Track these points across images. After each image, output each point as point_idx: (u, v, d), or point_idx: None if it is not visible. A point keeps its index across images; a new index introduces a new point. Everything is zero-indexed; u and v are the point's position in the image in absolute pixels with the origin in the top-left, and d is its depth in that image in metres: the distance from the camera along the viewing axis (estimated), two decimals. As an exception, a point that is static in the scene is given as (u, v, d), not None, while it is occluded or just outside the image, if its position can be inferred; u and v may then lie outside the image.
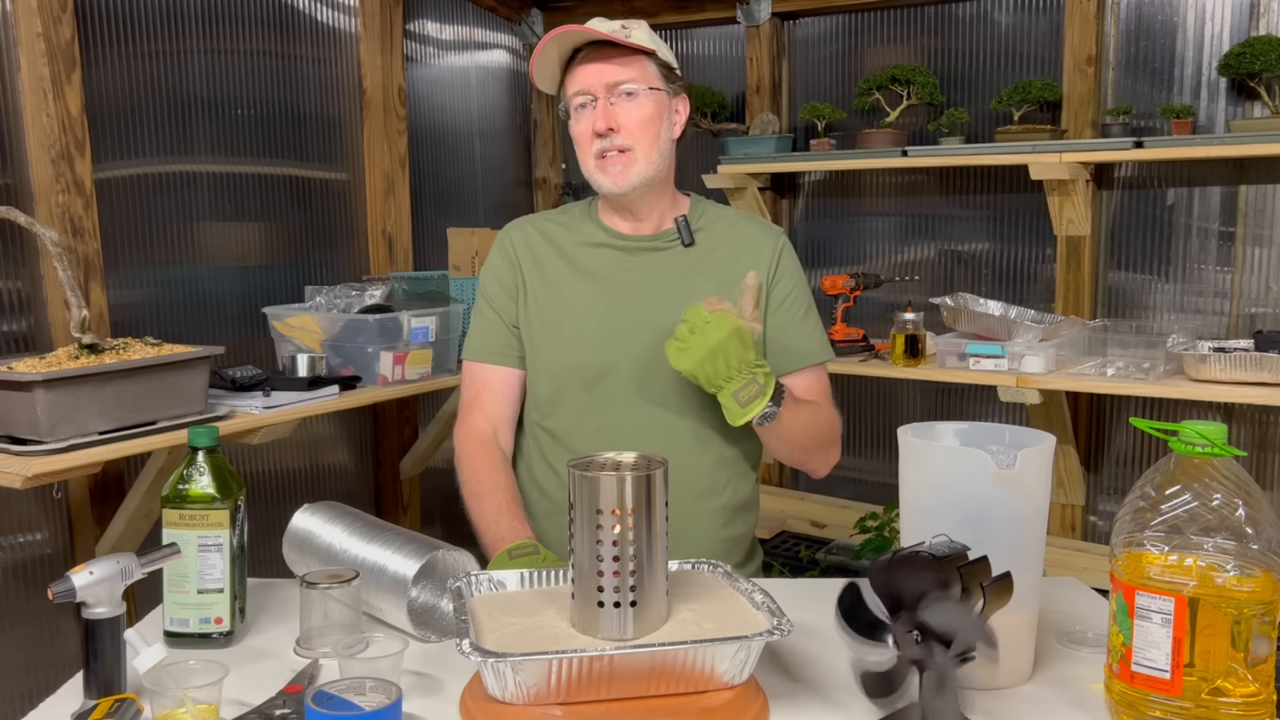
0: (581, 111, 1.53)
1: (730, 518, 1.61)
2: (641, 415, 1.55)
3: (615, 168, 1.51)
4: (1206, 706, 0.96)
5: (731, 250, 1.61)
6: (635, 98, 1.51)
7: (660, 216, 1.61)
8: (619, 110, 1.50)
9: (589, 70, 1.51)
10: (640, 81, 1.51)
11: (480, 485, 1.52)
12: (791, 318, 1.62)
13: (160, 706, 0.99)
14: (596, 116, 1.50)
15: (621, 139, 1.50)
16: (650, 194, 1.57)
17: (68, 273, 1.70)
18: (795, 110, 3.30)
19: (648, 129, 1.51)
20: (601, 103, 1.50)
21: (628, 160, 1.51)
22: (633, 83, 1.50)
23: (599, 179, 1.53)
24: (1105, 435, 2.89)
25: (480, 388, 1.63)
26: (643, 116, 1.51)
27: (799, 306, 1.63)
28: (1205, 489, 0.97)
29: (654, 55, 1.54)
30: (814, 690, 1.10)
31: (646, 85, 1.52)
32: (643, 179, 1.52)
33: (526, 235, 1.66)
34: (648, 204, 1.59)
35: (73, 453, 1.72)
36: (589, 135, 1.52)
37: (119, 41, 2.26)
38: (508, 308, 1.63)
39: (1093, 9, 2.73)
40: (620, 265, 1.60)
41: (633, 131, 1.51)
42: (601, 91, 1.50)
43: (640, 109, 1.51)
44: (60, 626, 2.15)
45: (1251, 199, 2.64)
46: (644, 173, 1.52)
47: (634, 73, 1.51)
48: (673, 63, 1.57)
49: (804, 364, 1.61)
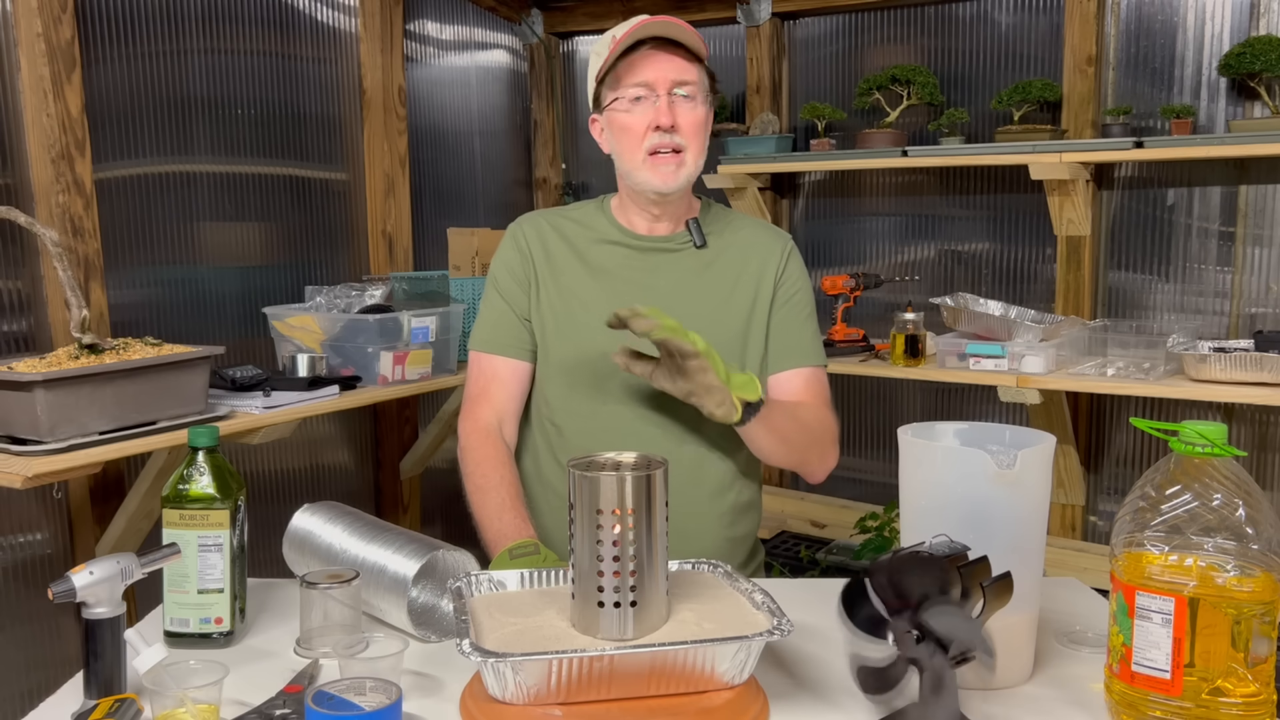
0: (638, 104, 1.52)
1: (736, 517, 1.62)
2: (651, 414, 1.55)
3: (668, 167, 1.52)
4: (1206, 706, 0.96)
5: (741, 253, 1.62)
6: (692, 101, 1.52)
7: (678, 219, 1.62)
8: (679, 110, 1.51)
9: (656, 63, 1.50)
10: (698, 87, 1.53)
11: (485, 480, 1.52)
12: (793, 318, 1.63)
13: (160, 706, 0.99)
14: (660, 110, 1.49)
15: (679, 138, 1.51)
16: (683, 198, 1.59)
17: (68, 273, 1.70)
18: (795, 110, 3.30)
19: (699, 134, 1.53)
20: (664, 98, 1.50)
21: (680, 161, 1.52)
22: (692, 85, 1.52)
23: (645, 174, 1.53)
24: (1105, 435, 2.89)
25: (489, 380, 1.62)
26: (698, 120, 1.52)
27: (801, 309, 1.64)
28: (1205, 489, 0.97)
29: (705, 65, 1.55)
30: (814, 690, 1.10)
31: (702, 91, 1.53)
32: (687, 181, 1.54)
33: (539, 229, 1.65)
34: (674, 206, 1.60)
35: (73, 453, 1.72)
36: (643, 129, 1.51)
37: (119, 41, 2.26)
38: (519, 300, 1.62)
39: (1093, 9, 2.73)
40: (633, 264, 1.61)
41: (688, 134, 1.52)
42: (664, 87, 1.50)
43: (695, 112, 1.52)
44: (60, 626, 2.15)
45: (1251, 199, 2.64)
46: (690, 175, 1.54)
47: (694, 76, 1.52)
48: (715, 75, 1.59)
49: (801, 363, 1.62)
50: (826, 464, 1.61)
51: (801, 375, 1.62)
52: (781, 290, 1.63)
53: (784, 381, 1.61)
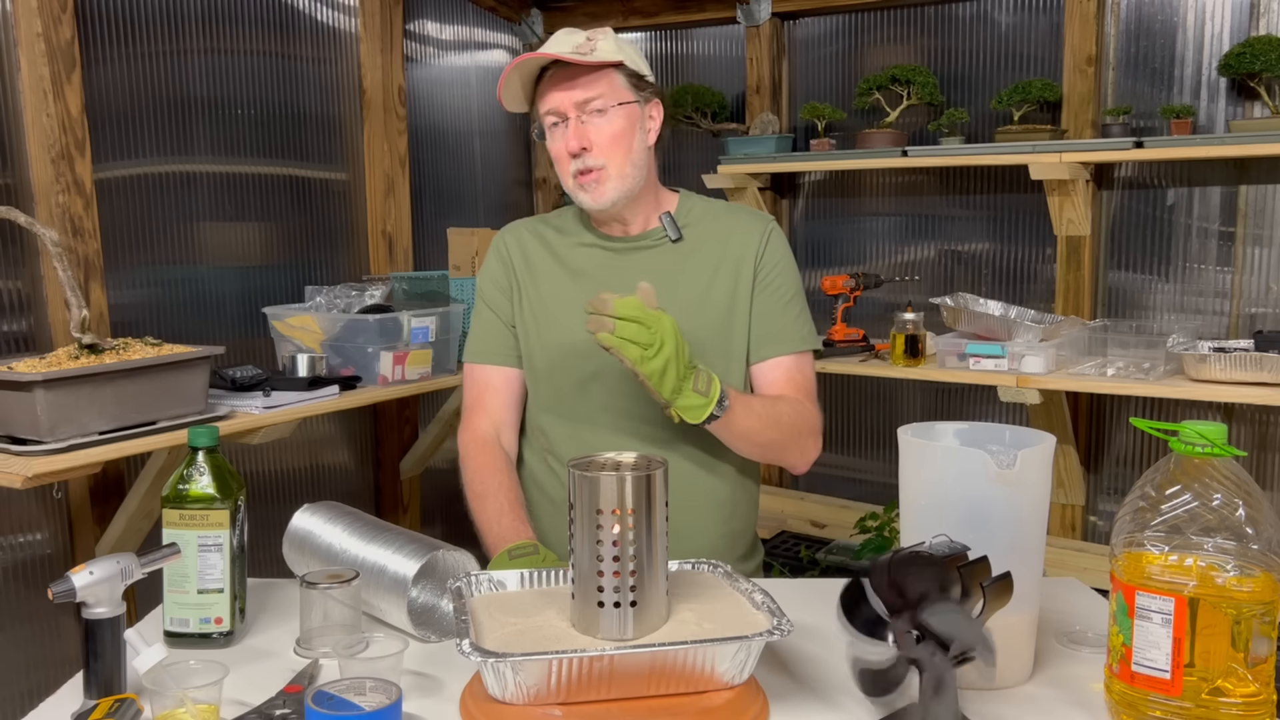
0: (554, 130, 1.53)
1: (730, 513, 1.61)
2: (634, 414, 1.55)
3: (591, 185, 1.52)
4: (1206, 706, 0.96)
5: (719, 240, 1.60)
6: (605, 114, 1.50)
7: (646, 217, 1.62)
8: (590, 128, 1.50)
9: (555, 93, 1.51)
10: (608, 98, 1.50)
11: (483, 487, 1.53)
12: (774, 302, 1.59)
13: (160, 706, 0.99)
14: (569, 136, 1.50)
15: (594, 158, 1.50)
16: (632, 204, 1.58)
17: (68, 273, 1.70)
18: (795, 110, 3.30)
19: (618, 145, 1.51)
20: (573, 122, 1.50)
21: (601, 178, 1.51)
22: (601, 99, 1.50)
23: (579, 196, 1.54)
24: (1105, 435, 2.89)
25: (483, 389, 1.63)
26: (613, 133, 1.50)
27: (783, 292, 1.60)
28: (1205, 489, 0.97)
29: (621, 66, 1.52)
30: (814, 690, 1.10)
31: (615, 101, 1.51)
32: (620, 194, 1.53)
33: (520, 237, 1.67)
34: (631, 210, 1.59)
35: (73, 453, 1.72)
36: (564, 155, 1.52)
37: (119, 41, 2.26)
38: (505, 309, 1.64)
39: (1093, 9, 2.73)
40: (610, 264, 1.61)
41: (604, 149, 1.50)
42: (571, 111, 1.50)
43: (610, 125, 1.50)
44: (60, 626, 2.15)
45: (1251, 199, 2.64)
46: (619, 188, 1.53)
47: (601, 89, 1.50)
48: (643, 70, 1.56)
49: (781, 351, 1.58)
50: (807, 458, 1.58)
51: (782, 365, 1.58)
52: (762, 272, 1.59)
53: (764, 372, 1.59)
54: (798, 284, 1.63)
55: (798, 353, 1.60)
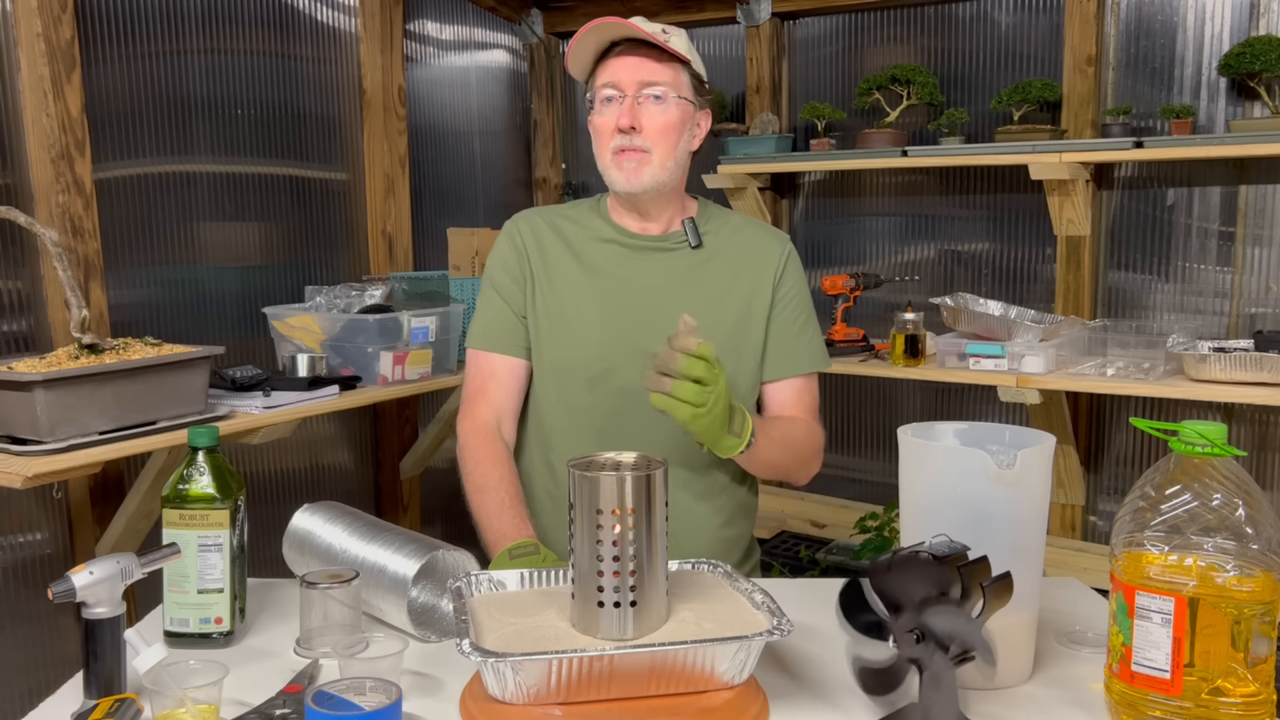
0: (607, 105, 1.52)
1: (729, 518, 1.61)
2: (642, 415, 1.54)
3: (629, 164, 1.51)
4: (1206, 706, 0.96)
5: (738, 254, 1.62)
6: (663, 102, 1.51)
7: (669, 219, 1.62)
8: (644, 111, 1.50)
9: (623, 64, 1.51)
10: (671, 88, 1.51)
11: (484, 479, 1.52)
12: (790, 325, 1.62)
13: (160, 706, 0.99)
14: (621, 113, 1.50)
15: (641, 140, 1.50)
16: (660, 198, 1.58)
17: (68, 273, 1.70)
18: (795, 110, 3.30)
19: (668, 135, 1.51)
20: (629, 100, 1.50)
21: (642, 160, 1.51)
22: (664, 86, 1.50)
23: (613, 174, 1.53)
24: (1105, 435, 2.89)
25: (486, 378, 1.62)
26: (666, 122, 1.51)
27: (799, 315, 1.64)
28: (1205, 489, 0.97)
29: (689, 65, 1.54)
30: (814, 690, 1.10)
31: (676, 93, 1.52)
32: (655, 182, 1.53)
33: (534, 226, 1.65)
34: (657, 206, 1.59)
35: (73, 453, 1.72)
36: (610, 129, 1.51)
37: (119, 41, 2.26)
38: (516, 297, 1.62)
39: (1093, 9, 2.73)
40: (627, 262, 1.60)
41: (653, 135, 1.51)
42: (631, 89, 1.50)
43: (665, 114, 1.51)
44: (60, 626, 2.15)
45: (1251, 199, 2.64)
46: (657, 176, 1.52)
47: (667, 77, 1.51)
48: (704, 76, 1.57)
49: (795, 372, 1.62)
50: (810, 474, 1.63)
51: (793, 386, 1.62)
52: (779, 296, 1.62)
53: (776, 392, 1.62)
54: (811, 305, 1.67)
55: (809, 374, 1.64)
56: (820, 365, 1.65)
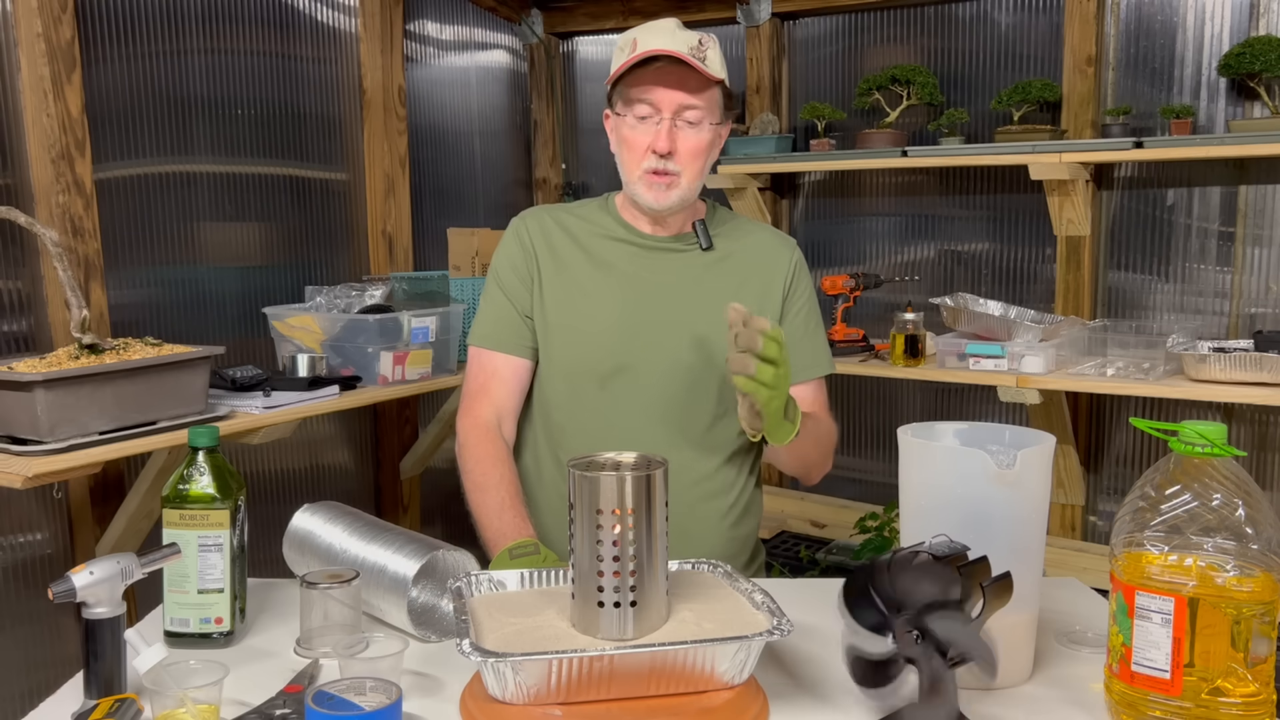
0: (643, 123, 1.52)
1: (739, 517, 1.63)
2: (654, 414, 1.55)
3: (660, 187, 1.52)
4: (1206, 706, 0.96)
5: (748, 258, 1.63)
6: (697, 127, 1.51)
7: (683, 221, 1.63)
8: (680, 135, 1.50)
9: (667, 85, 1.49)
10: (707, 113, 1.51)
11: (484, 478, 1.52)
12: (799, 330, 1.64)
13: (160, 706, 0.99)
14: (659, 136, 1.49)
15: (674, 164, 1.51)
16: (682, 209, 1.59)
17: (68, 273, 1.70)
18: (795, 110, 3.30)
19: (698, 158, 1.52)
20: (666, 122, 1.50)
21: (673, 184, 1.52)
22: (700, 111, 1.50)
23: (640, 190, 1.54)
24: (1105, 435, 2.89)
25: (489, 376, 1.61)
26: (698, 146, 1.52)
27: (809, 320, 1.66)
28: (1205, 489, 0.97)
29: (722, 84, 1.53)
30: (814, 690, 1.10)
31: (712, 119, 1.52)
32: (681, 202, 1.55)
33: (543, 224, 1.65)
34: (673, 216, 1.61)
35: (73, 453, 1.72)
36: (643, 148, 1.51)
37: (119, 41, 2.26)
38: (522, 296, 1.62)
39: (1093, 9, 2.73)
40: (638, 261, 1.60)
41: (686, 160, 1.51)
42: (669, 110, 1.50)
43: (699, 138, 1.51)
44: (60, 626, 2.15)
45: (1251, 199, 2.64)
46: (685, 197, 1.54)
47: (704, 102, 1.51)
48: (732, 90, 1.58)
49: (808, 376, 1.63)
50: (825, 471, 1.65)
51: (809, 388, 1.63)
52: (791, 302, 1.64)
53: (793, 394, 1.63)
54: (818, 309, 1.69)
55: (821, 376, 1.66)
56: (828, 368, 1.67)
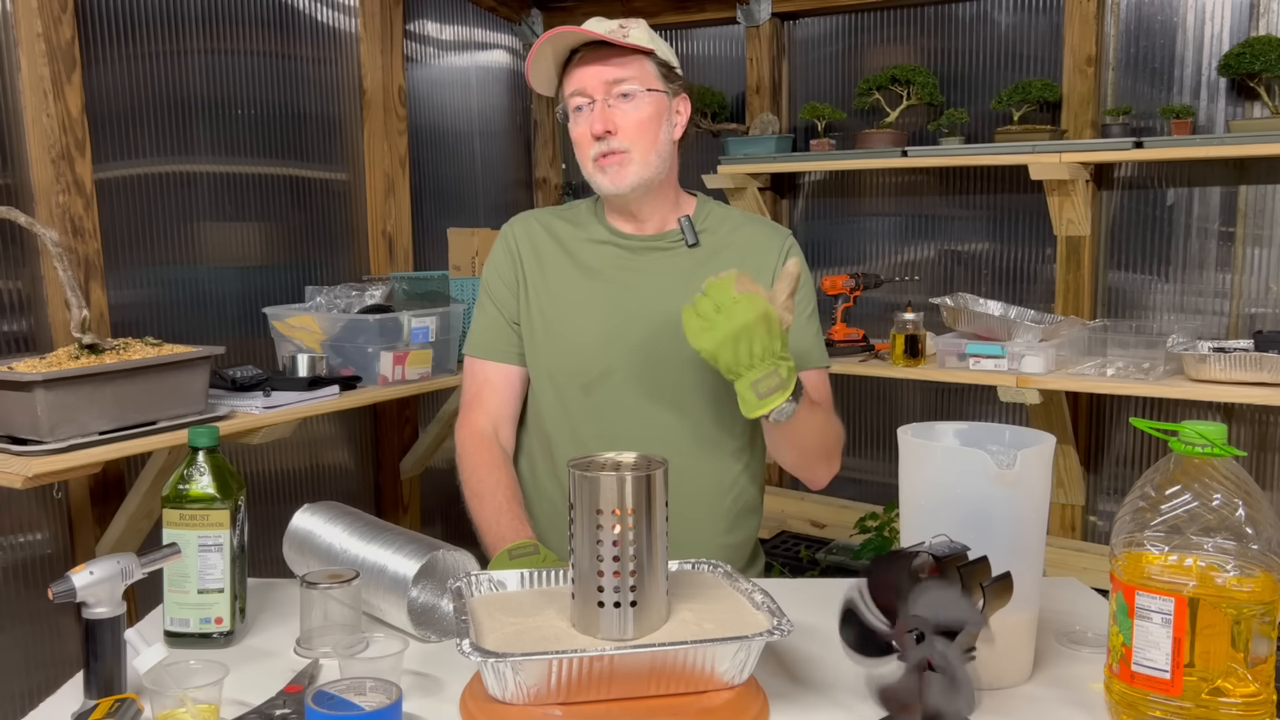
0: (579, 114, 1.51)
1: (732, 524, 1.60)
2: (642, 418, 1.53)
3: (612, 168, 1.49)
4: (1206, 706, 0.96)
5: (738, 251, 1.59)
6: (633, 99, 1.48)
7: (663, 217, 1.59)
8: (616, 112, 1.48)
9: (586, 71, 1.49)
10: (638, 82, 1.49)
11: (481, 485, 1.52)
12: (796, 319, 1.57)
13: (160, 706, 0.99)
14: (594, 119, 1.48)
15: (618, 141, 1.48)
16: (650, 195, 1.55)
17: (68, 273, 1.70)
18: (795, 110, 3.30)
19: (645, 131, 1.49)
20: (599, 105, 1.48)
21: (624, 161, 1.49)
22: (630, 83, 1.48)
23: (597, 180, 1.52)
24: (1105, 435, 2.89)
25: (481, 385, 1.61)
26: (640, 118, 1.49)
27: (804, 309, 1.60)
28: (1205, 489, 0.97)
29: (653, 55, 1.51)
30: (814, 690, 1.10)
31: (644, 86, 1.49)
32: (640, 180, 1.50)
33: (530, 230, 1.64)
34: (649, 205, 1.57)
35: (73, 453, 1.72)
36: (587, 137, 1.50)
37: (119, 41, 2.26)
38: (509, 304, 1.61)
39: (1093, 9, 2.73)
40: (624, 264, 1.58)
41: (630, 133, 1.48)
42: (599, 93, 1.48)
43: (638, 110, 1.49)
44: (60, 626, 2.15)
45: (1251, 199, 2.64)
46: (641, 174, 1.50)
47: (632, 73, 1.48)
48: (673, 62, 1.55)
49: (807, 365, 1.58)
50: (832, 471, 1.57)
51: (808, 379, 1.56)
52: None
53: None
54: (815, 300, 1.64)
55: (818, 369, 1.60)
56: (824, 363, 1.61)
